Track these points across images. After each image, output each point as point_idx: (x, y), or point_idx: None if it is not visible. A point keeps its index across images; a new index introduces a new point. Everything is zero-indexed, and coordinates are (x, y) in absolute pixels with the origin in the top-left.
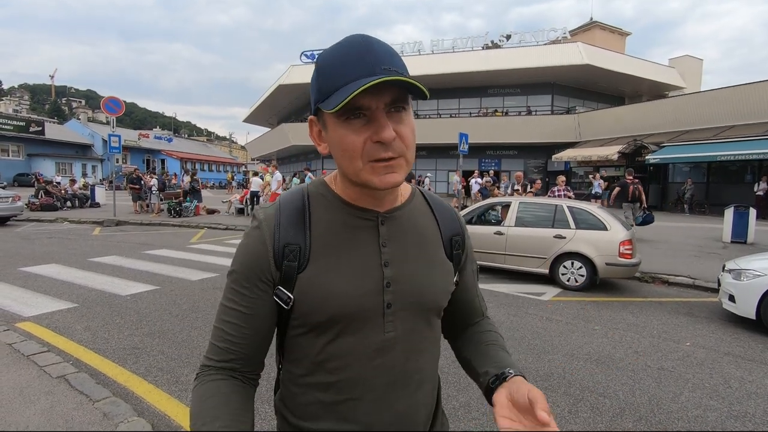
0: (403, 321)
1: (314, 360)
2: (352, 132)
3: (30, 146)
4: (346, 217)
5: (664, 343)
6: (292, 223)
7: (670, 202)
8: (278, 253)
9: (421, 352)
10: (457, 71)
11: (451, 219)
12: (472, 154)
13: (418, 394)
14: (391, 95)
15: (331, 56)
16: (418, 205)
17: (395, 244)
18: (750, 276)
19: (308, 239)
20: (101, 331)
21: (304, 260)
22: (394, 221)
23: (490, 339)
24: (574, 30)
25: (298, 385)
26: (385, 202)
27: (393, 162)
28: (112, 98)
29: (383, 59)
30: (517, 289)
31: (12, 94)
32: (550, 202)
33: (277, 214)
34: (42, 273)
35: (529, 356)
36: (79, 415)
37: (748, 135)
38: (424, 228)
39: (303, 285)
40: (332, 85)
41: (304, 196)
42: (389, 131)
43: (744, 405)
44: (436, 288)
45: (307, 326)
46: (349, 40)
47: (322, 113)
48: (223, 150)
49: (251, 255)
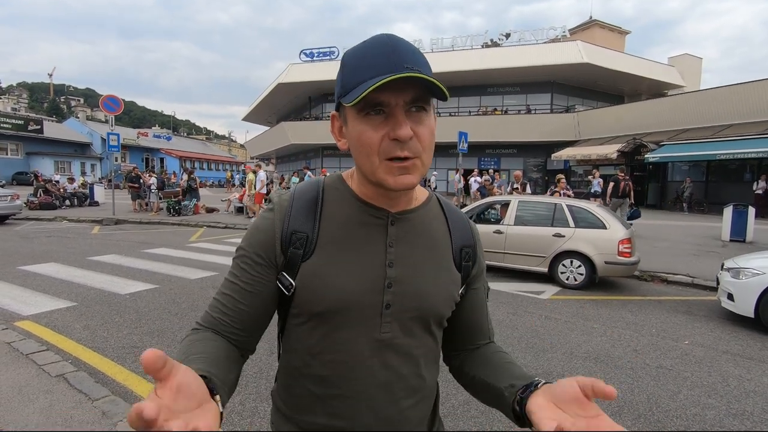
0: (401, 324)
1: (310, 351)
2: (370, 127)
3: (28, 145)
4: (357, 213)
5: (663, 341)
6: (303, 212)
7: (669, 200)
8: (285, 239)
9: (418, 358)
10: (456, 70)
11: (464, 229)
12: (471, 153)
13: (411, 399)
14: (412, 93)
15: (356, 53)
16: (432, 210)
17: (403, 245)
18: (749, 274)
19: (317, 229)
20: (100, 329)
21: (310, 249)
22: (404, 223)
23: (506, 359)
24: (574, 28)
25: (293, 377)
26: (398, 202)
27: (408, 163)
28: (111, 96)
29: (407, 58)
30: (517, 288)
31: (10, 93)
32: (550, 200)
33: (291, 201)
34: (41, 272)
35: (528, 355)
36: (78, 413)
37: (747, 134)
38: (435, 234)
39: (305, 273)
40: (354, 80)
41: (319, 188)
42: (406, 129)
43: (742, 403)
44: (439, 295)
45: (305, 316)
46: (376, 38)
47: (344, 108)
48: (223, 149)
49: (260, 235)
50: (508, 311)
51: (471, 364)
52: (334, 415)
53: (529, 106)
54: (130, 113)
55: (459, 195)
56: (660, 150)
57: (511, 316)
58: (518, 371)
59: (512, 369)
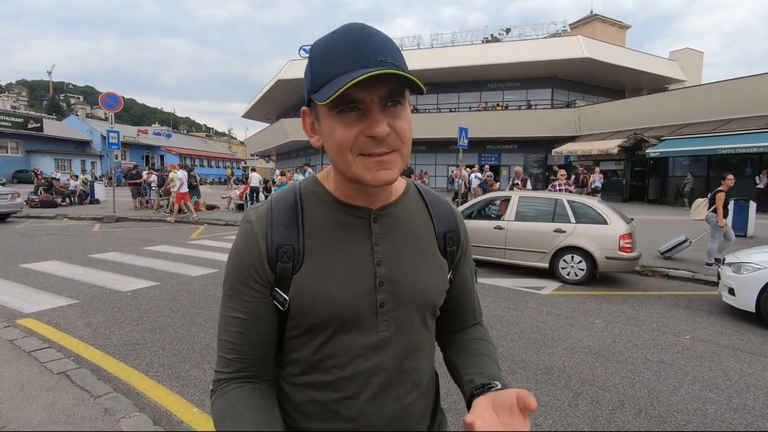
0: (397, 320)
1: (310, 361)
2: (344, 125)
3: (28, 143)
4: (338, 215)
5: (664, 336)
6: (285, 223)
7: (670, 195)
8: (272, 255)
9: (417, 351)
10: (456, 65)
11: (445, 214)
12: (471, 149)
13: (414, 394)
14: (386, 89)
15: (325, 45)
16: (412, 200)
17: (388, 242)
18: (750, 269)
19: (301, 239)
20: (102, 327)
21: (298, 261)
22: (386, 218)
23: (482, 348)
24: (575, 23)
25: (293, 385)
26: (378, 198)
27: (386, 157)
28: (110, 94)
29: (379, 50)
30: (517, 284)
31: (10, 91)
32: (550, 196)
33: (269, 214)
34: (42, 269)
35: (529, 350)
36: (80, 410)
37: (748, 128)
38: (417, 224)
39: (297, 286)
40: (325, 75)
41: (296, 195)
42: (383, 126)
43: (743, 397)
44: (429, 286)
45: (301, 327)
46: (345, 28)
47: (315, 104)
48: (223, 146)
49: (245, 258)
50: (509, 307)
51: (452, 348)
52: (341, 419)
53: (530, 102)
54: (129, 111)
55: (459, 190)
56: (661, 145)
57: (512, 311)
58: (486, 367)
59: (481, 363)
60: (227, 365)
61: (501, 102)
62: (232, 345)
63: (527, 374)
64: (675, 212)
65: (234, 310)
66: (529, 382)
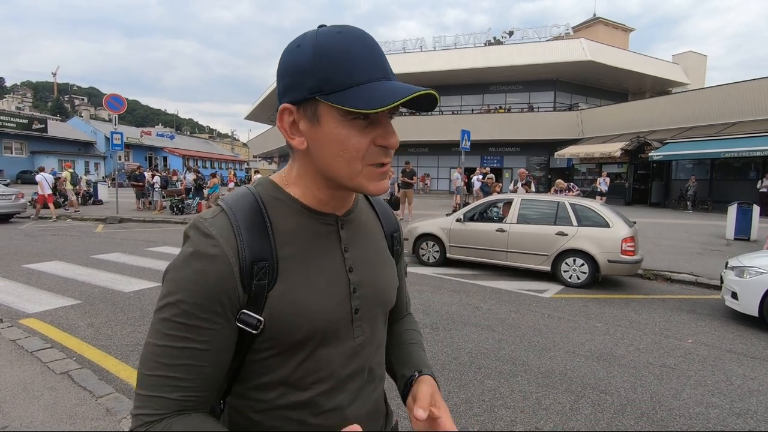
0: (369, 323)
1: (288, 381)
2: (357, 132)
3: (33, 144)
4: (308, 223)
5: (666, 340)
6: (255, 234)
7: (673, 199)
8: (246, 273)
9: (380, 347)
10: (459, 68)
11: (389, 215)
12: (474, 151)
13: (379, 387)
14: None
15: (337, 44)
16: (364, 203)
17: (355, 247)
18: (753, 273)
19: (274, 251)
20: (104, 327)
21: (273, 276)
22: (351, 224)
23: (412, 338)
24: (578, 26)
25: (263, 412)
26: (345, 204)
27: (386, 168)
28: (114, 95)
29: (386, 61)
30: (519, 287)
31: (15, 92)
32: (553, 199)
33: (234, 225)
34: (45, 270)
35: (530, 353)
36: (82, 410)
37: (751, 132)
38: (372, 227)
39: (274, 304)
40: (348, 77)
41: (257, 202)
42: (397, 137)
43: (746, 402)
44: (390, 286)
45: (278, 347)
46: (351, 31)
47: (315, 105)
48: (225, 147)
49: (210, 279)
50: (510, 309)
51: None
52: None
53: (532, 104)
54: (133, 112)
55: (460, 193)
56: (664, 148)
57: (514, 314)
58: (414, 356)
59: (411, 354)
60: (164, 406)
61: (503, 104)
62: (177, 381)
63: (528, 377)
64: (678, 216)
65: (186, 340)
66: (531, 386)
